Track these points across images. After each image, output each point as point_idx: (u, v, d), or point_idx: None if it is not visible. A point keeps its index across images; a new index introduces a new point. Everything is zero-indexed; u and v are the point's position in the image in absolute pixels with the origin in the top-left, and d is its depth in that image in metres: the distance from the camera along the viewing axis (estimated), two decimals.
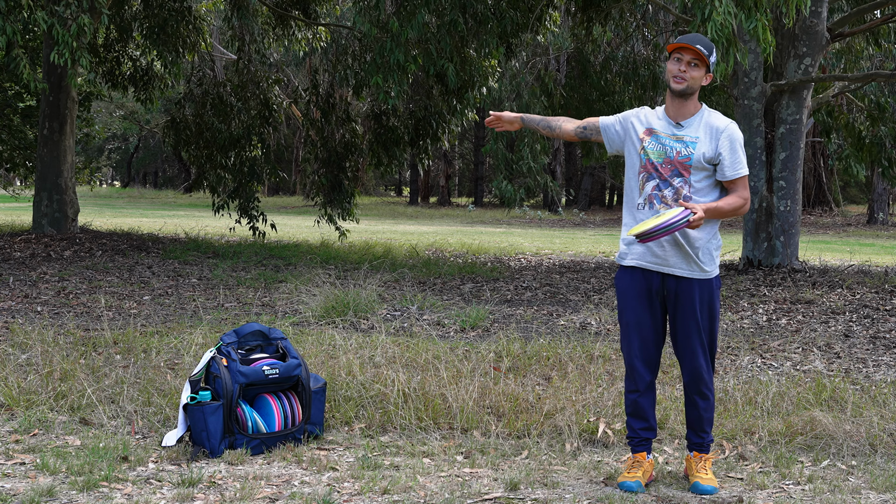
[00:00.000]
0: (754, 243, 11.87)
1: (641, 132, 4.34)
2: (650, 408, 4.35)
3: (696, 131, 4.27)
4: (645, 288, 4.27)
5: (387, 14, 11.92)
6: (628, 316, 4.31)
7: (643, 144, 4.31)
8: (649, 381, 4.32)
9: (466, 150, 50.99)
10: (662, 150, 4.27)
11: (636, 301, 4.28)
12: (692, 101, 4.29)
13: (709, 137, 4.25)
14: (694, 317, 4.25)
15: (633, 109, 4.51)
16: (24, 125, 17.99)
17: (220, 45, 30.22)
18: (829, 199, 34.05)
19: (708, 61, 4.22)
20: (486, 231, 23.64)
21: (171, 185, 53.40)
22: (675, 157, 4.25)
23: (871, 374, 6.44)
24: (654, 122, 4.34)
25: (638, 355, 4.29)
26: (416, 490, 4.18)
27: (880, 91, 13.95)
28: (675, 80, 4.23)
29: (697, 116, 4.30)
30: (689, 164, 4.23)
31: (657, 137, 4.30)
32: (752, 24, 8.42)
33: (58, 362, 5.72)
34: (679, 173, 4.24)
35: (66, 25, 10.16)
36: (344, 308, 8.18)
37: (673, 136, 4.28)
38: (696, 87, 4.24)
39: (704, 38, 4.28)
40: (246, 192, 15.07)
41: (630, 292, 4.30)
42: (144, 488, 4.15)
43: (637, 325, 4.28)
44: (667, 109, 4.34)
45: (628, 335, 4.31)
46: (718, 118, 4.31)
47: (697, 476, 4.31)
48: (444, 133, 15.10)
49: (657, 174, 4.27)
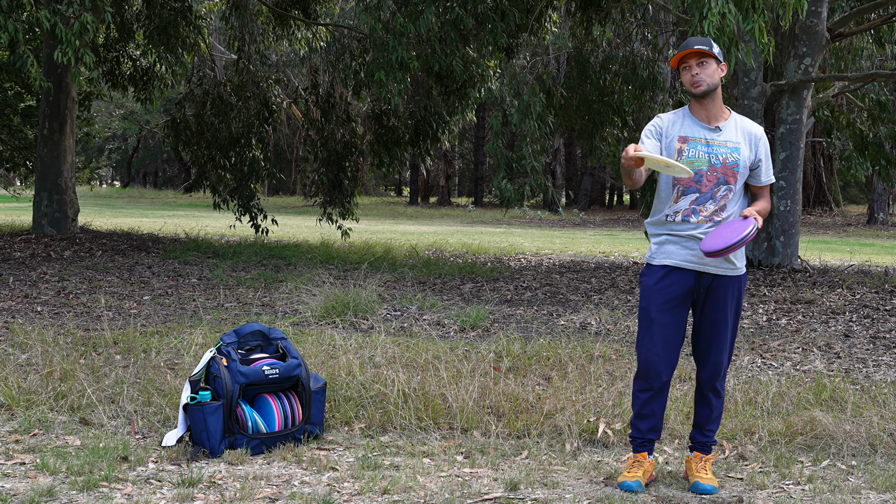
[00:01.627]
0: (754, 243, 11.87)
1: (676, 142, 4.23)
2: (661, 409, 4.30)
3: (735, 136, 4.23)
4: (678, 287, 4.21)
5: (390, 11, 11.92)
6: (655, 314, 4.21)
7: (682, 155, 4.19)
8: (666, 381, 4.26)
9: (466, 150, 51.00)
10: (706, 156, 4.19)
11: (666, 300, 4.21)
12: (719, 102, 4.24)
13: (748, 143, 4.24)
14: (724, 312, 4.23)
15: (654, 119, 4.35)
16: (24, 125, 17.99)
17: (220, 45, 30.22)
18: (829, 199, 34.05)
19: (713, 54, 4.17)
20: (486, 231, 23.65)
21: (171, 185, 53.40)
22: (723, 163, 4.19)
23: (871, 374, 6.44)
24: (686, 129, 4.24)
25: (660, 354, 4.22)
26: (416, 490, 4.18)
27: (881, 90, 13.96)
28: (694, 87, 4.18)
29: (731, 121, 4.26)
30: (738, 169, 4.19)
31: (696, 144, 4.20)
32: (749, 26, 8.42)
33: (58, 362, 5.72)
34: (725, 181, 4.18)
35: (68, 24, 10.16)
36: (344, 308, 8.18)
37: (714, 142, 4.20)
38: (716, 82, 4.19)
39: (699, 37, 4.26)
40: (246, 191, 15.08)
41: (660, 291, 4.21)
42: (144, 488, 4.15)
43: (663, 325, 4.20)
44: (696, 114, 4.26)
45: (651, 334, 4.22)
46: (752, 124, 4.31)
47: (697, 476, 4.31)
48: (444, 133, 15.11)
49: (697, 186, 4.17)
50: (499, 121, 12.55)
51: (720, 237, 4.03)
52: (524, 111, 12.19)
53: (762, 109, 11.81)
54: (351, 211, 15.46)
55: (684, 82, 4.24)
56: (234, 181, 15.21)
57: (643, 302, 4.28)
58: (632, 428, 4.37)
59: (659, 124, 4.29)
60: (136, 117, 44.45)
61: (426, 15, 11.33)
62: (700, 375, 4.34)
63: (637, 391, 4.31)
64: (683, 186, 4.20)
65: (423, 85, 14.84)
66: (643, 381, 4.27)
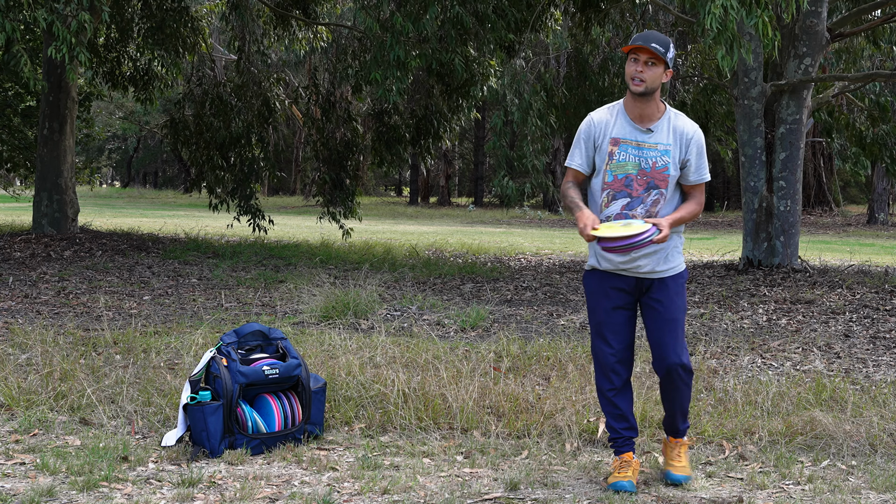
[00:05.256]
0: (754, 243, 11.87)
1: (608, 144, 4.18)
2: (629, 405, 4.32)
3: (667, 137, 4.17)
4: (618, 288, 4.24)
5: (390, 10, 11.93)
6: (601, 316, 4.26)
7: (612, 158, 4.16)
8: (626, 377, 4.30)
9: (466, 149, 51.00)
10: (636, 160, 4.15)
11: (610, 301, 4.25)
12: (655, 101, 4.16)
13: (678, 143, 4.18)
14: (669, 308, 4.22)
15: (584, 123, 4.28)
16: (24, 125, 18.00)
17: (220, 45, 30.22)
18: (829, 199, 34.05)
19: (664, 58, 4.09)
20: (486, 231, 23.65)
21: (171, 185, 53.41)
22: (652, 167, 4.15)
23: (871, 374, 6.44)
24: (617, 130, 4.18)
25: (615, 353, 4.25)
26: (416, 490, 4.18)
27: (881, 91, 13.95)
28: (633, 83, 4.11)
29: (664, 119, 4.19)
30: (667, 173, 4.16)
31: (626, 147, 4.16)
32: (753, 21, 8.41)
33: (58, 362, 5.72)
34: (655, 185, 4.16)
35: (65, 23, 10.16)
36: (344, 308, 8.18)
37: (644, 144, 4.15)
38: (656, 85, 4.12)
39: (659, 35, 4.14)
40: (245, 191, 15.08)
41: (603, 293, 4.26)
42: (144, 488, 4.15)
43: (612, 325, 4.24)
44: (629, 112, 4.19)
45: (603, 335, 4.26)
46: (686, 122, 4.23)
47: (671, 464, 4.35)
48: (445, 132, 15.12)
49: (627, 191, 4.16)
50: (501, 119, 12.56)
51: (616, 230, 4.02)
52: (525, 110, 12.20)
53: (762, 109, 11.80)
54: (353, 210, 15.45)
55: (626, 73, 4.18)
56: (232, 181, 15.22)
57: (589, 305, 4.33)
58: (609, 430, 4.37)
59: (591, 130, 4.24)
60: (136, 117, 44.44)
61: (430, 13, 11.32)
62: (660, 374, 4.31)
63: (602, 392, 4.32)
64: (614, 191, 4.18)
65: (424, 84, 14.84)
66: (606, 381, 4.30)
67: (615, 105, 4.29)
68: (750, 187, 11.87)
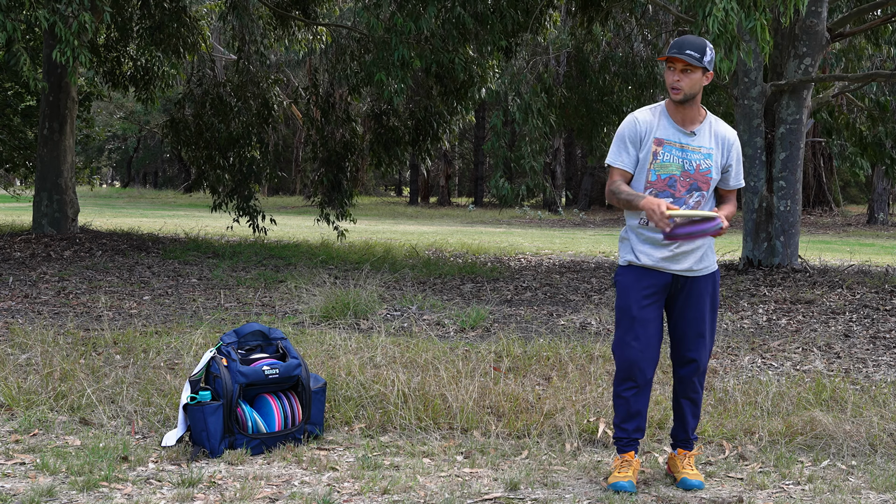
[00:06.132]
0: (754, 243, 11.87)
1: (652, 144, 4.20)
2: (645, 406, 4.31)
3: (709, 141, 4.23)
4: (653, 284, 4.23)
5: (391, 10, 11.94)
6: (635, 311, 4.23)
7: (657, 158, 4.18)
8: (649, 377, 4.28)
9: (466, 150, 50.99)
10: (680, 161, 4.19)
11: (644, 297, 4.23)
12: (696, 106, 4.22)
13: (720, 148, 4.25)
14: (700, 310, 4.26)
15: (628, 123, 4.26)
16: (24, 125, 18.00)
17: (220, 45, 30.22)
18: (829, 199, 34.04)
19: (701, 64, 4.12)
20: (486, 231, 23.64)
21: (171, 185, 53.39)
22: (696, 169, 4.20)
23: (871, 374, 6.44)
24: (661, 131, 4.21)
25: (644, 351, 4.23)
26: (416, 490, 4.18)
27: (881, 91, 13.95)
28: (673, 92, 4.16)
29: (706, 124, 4.25)
30: (710, 176, 4.21)
31: (671, 149, 4.19)
32: (751, 24, 8.42)
33: (58, 362, 5.72)
34: (698, 187, 4.20)
35: (67, 23, 10.16)
36: (344, 308, 8.18)
37: (688, 147, 4.20)
38: (696, 91, 4.16)
39: (694, 39, 4.15)
40: (245, 191, 15.08)
41: (637, 289, 4.24)
42: (144, 488, 4.15)
43: (643, 322, 4.22)
44: (672, 115, 4.23)
45: (634, 331, 4.23)
46: (726, 128, 4.30)
47: (684, 472, 4.34)
48: (444, 133, 15.12)
49: (670, 191, 4.18)
50: (500, 120, 12.56)
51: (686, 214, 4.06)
52: (525, 110, 12.20)
53: (762, 109, 11.80)
54: (348, 212, 15.47)
55: (665, 81, 4.22)
56: (232, 181, 15.22)
57: (621, 301, 4.29)
58: (616, 430, 4.35)
59: (636, 130, 4.23)
60: (136, 117, 44.44)
61: (429, 12, 11.32)
62: (679, 372, 4.35)
63: (620, 391, 4.29)
64: (657, 190, 4.20)
65: (424, 85, 14.84)
66: (628, 381, 4.26)
67: (657, 106, 4.32)
68: (750, 187, 11.87)
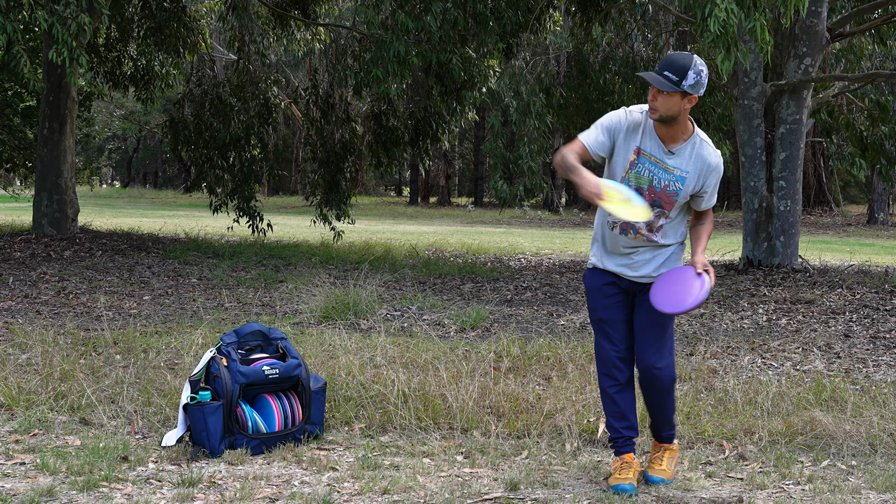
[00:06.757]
0: (754, 243, 11.87)
1: (632, 152, 4.14)
2: (630, 405, 4.33)
3: (687, 164, 4.13)
4: (614, 285, 4.28)
5: (391, 8, 11.94)
6: (601, 313, 4.30)
7: (632, 168, 4.13)
8: (629, 375, 4.32)
9: (466, 150, 50.99)
10: (649, 177, 4.14)
11: (606, 298, 4.29)
12: (680, 125, 4.10)
13: (697, 174, 4.15)
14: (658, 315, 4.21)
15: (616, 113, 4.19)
16: (24, 125, 18.00)
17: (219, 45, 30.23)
18: (829, 199, 34.05)
19: (678, 88, 3.97)
20: (486, 231, 23.64)
21: (171, 185, 53.39)
22: (663, 189, 4.15)
23: (871, 374, 6.44)
24: (644, 142, 4.14)
25: (617, 350, 4.28)
26: (416, 490, 4.18)
27: (881, 91, 13.95)
28: (650, 111, 4.09)
29: (689, 145, 4.14)
30: (676, 199, 4.17)
31: (646, 161, 4.13)
32: (751, 24, 8.42)
33: (58, 362, 5.72)
34: (660, 205, 4.16)
35: (65, 25, 10.17)
36: (344, 308, 8.18)
37: (662, 165, 4.12)
38: (674, 112, 4.03)
39: (679, 59, 4.00)
40: (245, 192, 15.08)
41: (602, 291, 4.30)
42: (144, 488, 4.15)
43: (612, 322, 4.28)
44: (657, 129, 4.13)
45: (605, 331, 4.30)
46: (709, 153, 4.16)
47: (650, 465, 4.39)
48: (444, 133, 15.11)
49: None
50: (499, 120, 12.56)
51: (674, 296, 4.04)
52: (524, 111, 12.19)
53: (762, 109, 11.80)
54: (346, 213, 15.46)
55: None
56: (232, 182, 15.22)
57: (589, 303, 4.37)
58: (609, 430, 4.37)
59: (620, 123, 4.15)
60: (136, 117, 44.45)
61: (433, 10, 11.32)
62: (639, 376, 4.33)
63: (604, 390, 4.33)
64: None
65: (423, 85, 14.84)
66: (608, 379, 4.31)
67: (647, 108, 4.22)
68: (750, 187, 11.87)
